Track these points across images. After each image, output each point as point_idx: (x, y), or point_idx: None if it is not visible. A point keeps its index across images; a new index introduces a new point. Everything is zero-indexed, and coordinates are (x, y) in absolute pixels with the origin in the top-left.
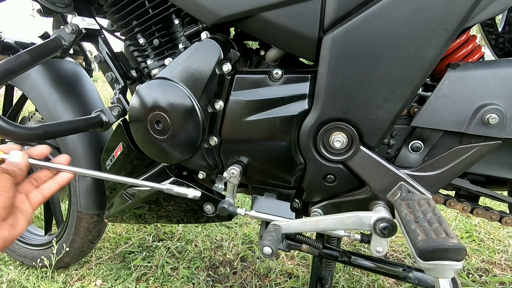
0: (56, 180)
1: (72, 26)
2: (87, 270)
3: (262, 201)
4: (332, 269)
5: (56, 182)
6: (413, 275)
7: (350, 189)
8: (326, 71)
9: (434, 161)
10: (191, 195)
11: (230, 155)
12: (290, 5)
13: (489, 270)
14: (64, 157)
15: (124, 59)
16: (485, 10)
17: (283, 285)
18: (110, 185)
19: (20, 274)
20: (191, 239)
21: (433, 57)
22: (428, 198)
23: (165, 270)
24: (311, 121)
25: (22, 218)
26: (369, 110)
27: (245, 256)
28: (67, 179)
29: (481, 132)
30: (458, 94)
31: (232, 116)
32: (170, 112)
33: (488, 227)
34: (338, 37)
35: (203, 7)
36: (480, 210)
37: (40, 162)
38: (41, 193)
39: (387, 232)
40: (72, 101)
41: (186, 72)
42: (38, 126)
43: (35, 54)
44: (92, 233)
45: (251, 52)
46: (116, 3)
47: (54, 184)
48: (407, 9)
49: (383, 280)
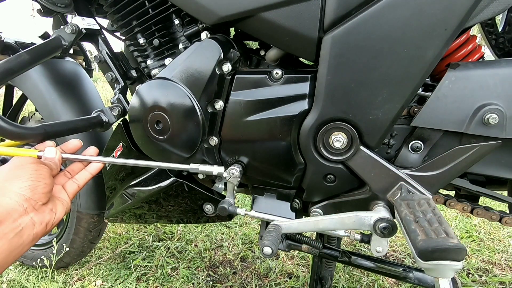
0: (88, 170)
1: (72, 26)
2: (87, 270)
3: (262, 201)
4: (332, 269)
5: (88, 172)
6: (413, 275)
7: (350, 189)
8: (326, 71)
9: (434, 161)
10: (215, 172)
11: (230, 155)
12: (290, 5)
13: (489, 270)
14: (92, 149)
15: (124, 59)
16: (485, 10)
17: (283, 285)
18: (110, 185)
19: (20, 274)
20: (191, 239)
21: (433, 57)
22: (428, 198)
23: (165, 270)
24: (311, 121)
25: (60, 206)
26: (369, 110)
27: (245, 256)
28: (98, 169)
29: (481, 132)
30: (458, 94)
31: (232, 116)
32: (170, 112)
33: (488, 227)
34: (338, 37)
35: (203, 7)
36: (480, 210)
37: (72, 156)
38: (75, 183)
39: (387, 232)
40: (72, 101)
41: (186, 72)
42: (38, 126)
43: (35, 54)
44: (92, 233)
45: (251, 52)
46: (116, 3)
47: (87, 174)
48: (407, 9)
49: (383, 280)
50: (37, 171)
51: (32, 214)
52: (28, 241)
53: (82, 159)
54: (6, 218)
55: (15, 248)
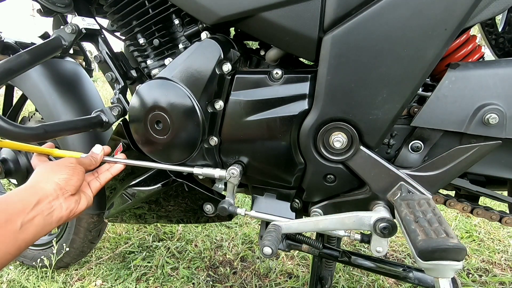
0: (110, 171)
1: (72, 26)
2: (87, 270)
3: (262, 201)
4: (332, 269)
5: (109, 173)
6: (413, 275)
7: (350, 189)
8: (326, 71)
9: (434, 161)
10: (217, 175)
11: (230, 155)
12: (290, 5)
13: (489, 270)
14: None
15: (124, 59)
16: (485, 10)
17: (283, 285)
18: (110, 185)
19: (20, 274)
20: (191, 239)
21: (433, 57)
22: (428, 198)
23: (165, 270)
24: (311, 121)
25: (84, 199)
26: (369, 110)
27: (245, 256)
28: (120, 170)
29: (481, 132)
30: (458, 94)
31: (232, 116)
32: (170, 112)
33: (488, 227)
34: (338, 37)
35: (203, 7)
36: (480, 210)
37: (112, 159)
38: (98, 181)
39: (387, 232)
40: (72, 101)
41: (186, 72)
42: (38, 126)
43: (35, 54)
44: (92, 233)
45: (251, 52)
46: (116, 3)
47: (108, 174)
48: (407, 9)
49: (383, 280)
50: (74, 169)
51: (62, 200)
52: (56, 221)
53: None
54: (44, 199)
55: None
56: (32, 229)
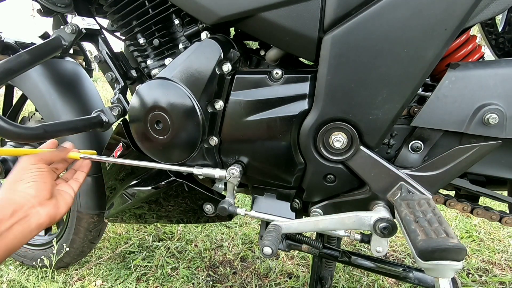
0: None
1: (72, 26)
2: (87, 270)
3: (262, 201)
4: (332, 269)
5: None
6: (413, 275)
7: (350, 189)
8: (326, 71)
9: (434, 161)
10: (217, 175)
11: (230, 155)
12: (290, 5)
13: (489, 270)
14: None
15: (124, 59)
16: (485, 10)
17: (283, 285)
18: (110, 185)
19: (20, 274)
20: (191, 239)
21: (433, 57)
22: (428, 198)
23: (165, 270)
24: (311, 121)
25: (63, 202)
26: (369, 110)
27: (245, 256)
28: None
29: (481, 132)
30: (458, 94)
31: (232, 116)
32: (170, 112)
33: (488, 227)
34: (338, 37)
35: (203, 7)
36: (480, 210)
37: (92, 156)
38: (76, 180)
39: (387, 232)
40: (72, 101)
41: (186, 72)
42: (38, 126)
43: (35, 54)
44: (92, 233)
45: (251, 52)
46: (116, 3)
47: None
48: (407, 9)
49: (383, 280)
50: (38, 173)
51: (38, 207)
52: (36, 228)
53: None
54: (19, 209)
55: (26, 233)
56: (11, 237)
